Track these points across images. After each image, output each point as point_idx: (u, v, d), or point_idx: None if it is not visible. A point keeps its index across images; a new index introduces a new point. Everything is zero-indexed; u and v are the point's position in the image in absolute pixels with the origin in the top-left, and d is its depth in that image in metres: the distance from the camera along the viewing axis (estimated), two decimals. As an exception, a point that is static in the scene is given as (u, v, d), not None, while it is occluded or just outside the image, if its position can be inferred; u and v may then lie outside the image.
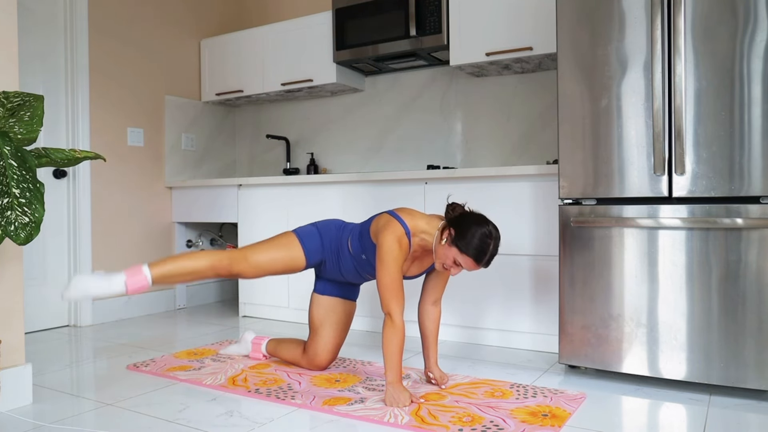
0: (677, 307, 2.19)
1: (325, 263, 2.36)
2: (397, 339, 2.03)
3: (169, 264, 2.13)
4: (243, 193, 3.69)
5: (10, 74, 2.09)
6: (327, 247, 2.33)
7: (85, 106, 3.52)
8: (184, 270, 2.14)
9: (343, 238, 2.32)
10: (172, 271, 2.13)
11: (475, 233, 1.97)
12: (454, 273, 2.06)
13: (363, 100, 4.01)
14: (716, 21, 2.10)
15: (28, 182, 1.73)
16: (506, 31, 3.11)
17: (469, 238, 1.97)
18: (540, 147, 3.38)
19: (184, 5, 4.16)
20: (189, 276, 2.16)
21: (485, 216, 2.04)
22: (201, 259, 2.17)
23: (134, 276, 2.07)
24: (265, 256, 2.25)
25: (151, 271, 2.10)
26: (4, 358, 2.06)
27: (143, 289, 2.09)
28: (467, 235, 1.97)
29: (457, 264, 2.03)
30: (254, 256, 2.24)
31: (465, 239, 1.97)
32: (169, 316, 3.83)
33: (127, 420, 1.95)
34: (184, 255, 2.18)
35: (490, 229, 1.99)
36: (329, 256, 2.34)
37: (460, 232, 1.98)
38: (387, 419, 1.90)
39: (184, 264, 2.15)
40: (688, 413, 1.99)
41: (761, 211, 2.05)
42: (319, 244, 2.33)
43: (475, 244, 1.96)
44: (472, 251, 1.97)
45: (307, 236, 2.33)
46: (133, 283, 2.06)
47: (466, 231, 1.98)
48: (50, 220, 3.42)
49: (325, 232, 2.35)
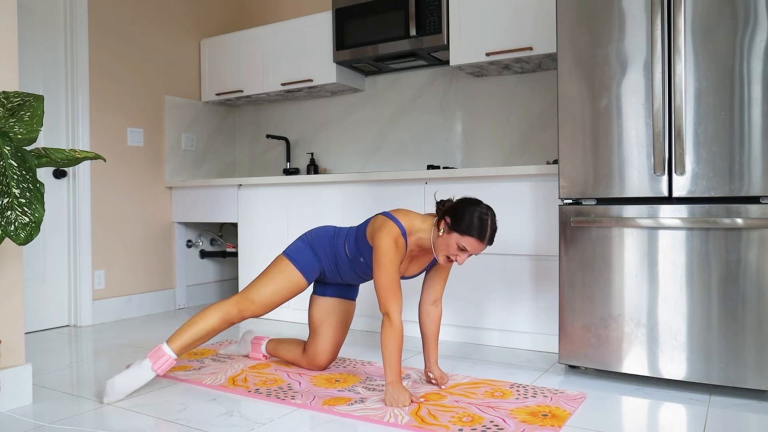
0: (677, 307, 2.19)
1: (324, 272, 2.36)
2: (395, 339, 2.03)
3: (185, 335, 2.19)
4: (243, 193, 3.69)
5: (10, 74, 2.09)
6: (322, 259, 2.33)
7: (85, 106, 3.52)
8: (200, 334, 2.21)
9: (339, 245, 2.32)
10: (189, 340, 2.19)
11: (472, 214, 2.01)
12: (461, 261, 2.06)
13: (363, 100, 4.01)
14: (716, 21, 2.10)
15: (28, 182, 1.73)
16: (506, 31, 3.11)
17: (467, 219, 2.00)
18: (540, 147, 3.38)
19: (184, 5, 4.16)
20: (207, 337, 2.23)
21: (474, 197, 2.09)
22: (212, 317, 2.23)
23: (159, 359, 2.14)
24: (268, 291, 2.28)
25: (172, 348, 2.17)
26: (4, 358, 2.06)
27: (171, 366, 2.17)
28: (464, 218, 2.01)
29: (461, 249, 2.03)
30: (258, 296, 2.27)
31: (463, 222, 2.00)
32: (169, 316, 3.83)
33: (127, 420, 1.95)
34: (195, 320, 2.23)
35: (484, 207, 2.04)
36: (326, 265, 2.34)
37: (456, 217, 2.02)
38: (387, 419, 1.90)
39: (199, 329, 2.20)
40: (688, 413, 1.99)
41: (761, 211, 2.05)
42: (313, 258, 2.33)
43: (474, 223, 2.00)
44: (474, 231, 2.00)
45: (298, 254, 2.32)
46: (159, 365, 2.14)
47: (462, 214, 2.02)
48: (50, 220, 3.42)
49: (317, 243, 2.34)
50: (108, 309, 3.64)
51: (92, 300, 3.54)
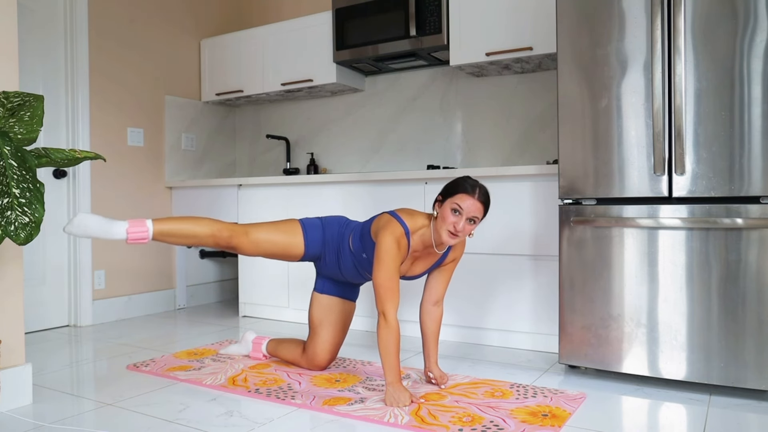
0: (677, 307, 2.19)
1: (324, 257, 2.37)
2: (392, 338, 2.04)
3: (172, 223, 2.16)
4: (243, 193, 3.69)
5: (10, 74, 2.09)
6: (328, 241, 2.35)
7: (85, 106, 3.52)
8: (186, 232, 2.17)
9: (345, 235, 2.33)
10: (173, 230, 2.15)
11: (455, 181, 2.13)
12: (460, 228, 2.05)
13: (363, 100, 4.01)
14: (716, 21, 2.10)
15: (28, 182, 1.73)
16: (506, 31, 3.11)
17: (452, 185, 2.12)
18: (540, 147, 3.38)
19: (184, 5, 4.16)
20: (188, 239, 2.18)
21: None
22: (204, 225, 2.20)
23: (136, 226, 2.09)
24: (266, 236, 2.29)
25: (154, 226, 2.13)
26: (4, 358, 2.06)
27: (143, 241, 2.11)
28: (449, 186, 2.14)
29: (456, 212, 2.06)
30: (255, 233, 2.27)
31: (449, 188, 2.12)
32: (169, 316, 3.83)
33: (127, 420, 1.95)
34: (188, 218, 2.21)
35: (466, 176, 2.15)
36: (329, 251, 2.35)
37: (443, 191, 2.14)
38: (387, 419, 1.90)
39: (187, 226, 2.18)
40: (688, 413, 1.99)
41: (761, 211, 2.05)
42: (321, 236, 2.36)
43: (458, 182, 2.12)
44: (459, 188, 2.09)
45: (310, 227, 2.37)
46: (134, 233, 2.08)
47: (447, 186, 2.14)
48: (50, 220, 3.41)
49: (328, 226, 2.38)
50: (108, 309, 3.64)
51: (92, 300, 3.54)
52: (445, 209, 2.08)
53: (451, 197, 2.08)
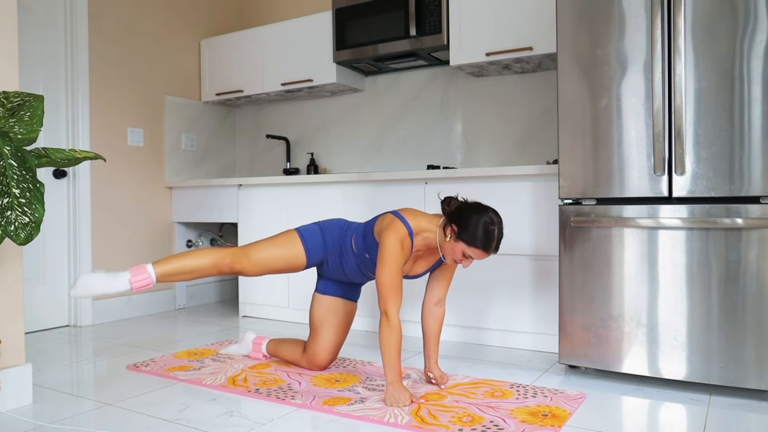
0: (677, 307, 2.19)
1: (327, 262, 2.36)
2: (394, 338, 2.04)
3: (173, 262, 2.18)
4: (243, 193, 3.69)
5: (10, 74, 2.09)
6: (329, 246, 2.34)
7: (85, 106, 3.52)
8: (187, 268, 2.19)
9: (347, 237, 2.33)
10: (175, 269, 2.17)
11: (477, 224, 1.99)
12: (466, 265, 2.09)
13: (363, 100, 4.01)
14: (716, 21, 2.10)
15: (28, 182, 1.73)
16: (506, 31, 3.11)
17: (472, 230, 1.99)
18: (540, 147, 3.38)
19: (184, 5, 4.16)
20: (192, 274, 2.20)
21: (481, 203, 2.07)
22: (204, 257, 2.21)
23: (139, 274, 2.11)
24: (266, 254, 2.28)
25: (155, 270, 2.15)
26: (4, 358, 2.06)
27: (147, 287, 2.14)
28: (470, 228, 1.99)
29: (467, 257, 2.05)
30: (256, 254, 2.27)
31: (468, 232, 1.99)
32: (169, 316, 3.83)
33: (127, 420, 1.95)
34: (187, 253, 2.22)
35: (491, 216, 2.01)
36: (331, 255, 2.35)
37: (463, 226, 2.00)
38: (387, 419, 1.90)
39: (188, 262, 2.19)
40: (688, 413, 1.99)
41: (761, 211, 2.05)
42: (321, 242, 2.34)
43: (479, 235, 1.98)
44: (479, 243, 1.99)
45: (309, 235, 2.35)
46: (137, 281, 2.10)
47: (468, 223, 2.00)
48: (50, 220, 3.42)
49: (328, 231, 2.37)
50: (108, 309, 3.64)
51: (92, 300, 3.54)
52: (458, 247, 2.03)
53: (471, 246, 2.00)
